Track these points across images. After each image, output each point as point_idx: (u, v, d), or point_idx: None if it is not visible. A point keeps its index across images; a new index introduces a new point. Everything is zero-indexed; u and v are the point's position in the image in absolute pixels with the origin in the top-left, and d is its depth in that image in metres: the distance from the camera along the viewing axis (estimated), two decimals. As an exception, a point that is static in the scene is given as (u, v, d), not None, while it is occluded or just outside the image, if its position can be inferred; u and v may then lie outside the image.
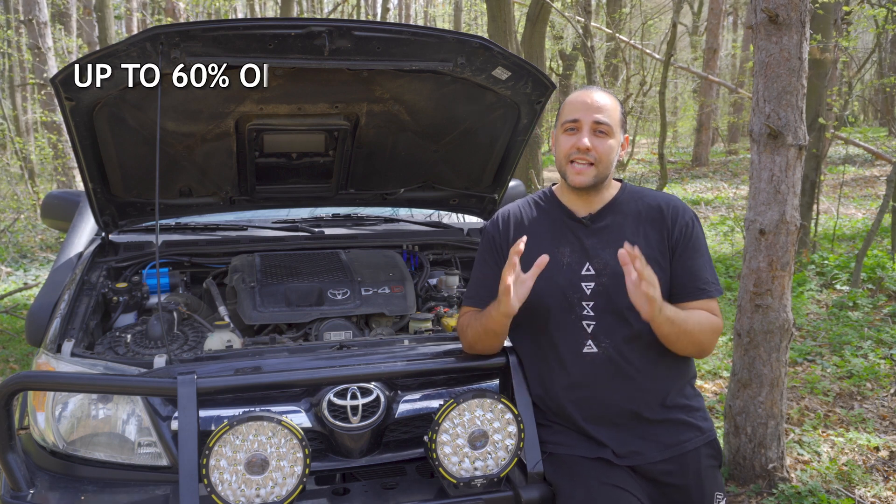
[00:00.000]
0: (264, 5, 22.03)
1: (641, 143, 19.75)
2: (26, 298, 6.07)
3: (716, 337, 1.84)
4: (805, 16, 2.71)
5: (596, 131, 1.81)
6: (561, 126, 1.86)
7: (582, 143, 1.79)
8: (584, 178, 1.82)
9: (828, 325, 4.95)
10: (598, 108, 1.81)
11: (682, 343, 1.78)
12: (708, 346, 1.84)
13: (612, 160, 1.83)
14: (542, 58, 9.51)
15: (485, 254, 1.98)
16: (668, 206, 1.89)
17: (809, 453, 3.21)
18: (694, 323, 1.77)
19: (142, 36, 2.00)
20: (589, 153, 1.79)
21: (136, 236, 2.80)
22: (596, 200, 1.88)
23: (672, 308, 1.73)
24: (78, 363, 1.94)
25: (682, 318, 1.74)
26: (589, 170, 1.81)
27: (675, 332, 1.74)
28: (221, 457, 1.66)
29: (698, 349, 1.83)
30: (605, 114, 1.81)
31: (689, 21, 19.68)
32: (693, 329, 1.77)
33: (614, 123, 1.82)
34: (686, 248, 1.85)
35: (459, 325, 1.98)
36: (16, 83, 14.87)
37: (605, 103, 1.82)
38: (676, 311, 1.74)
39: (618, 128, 1.84)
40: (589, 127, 1.80)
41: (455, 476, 1.80)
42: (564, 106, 1.87)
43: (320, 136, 2.64)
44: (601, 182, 1.85)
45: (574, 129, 1.82)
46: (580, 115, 1.81)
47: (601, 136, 1.81)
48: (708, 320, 1.81)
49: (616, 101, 1.86)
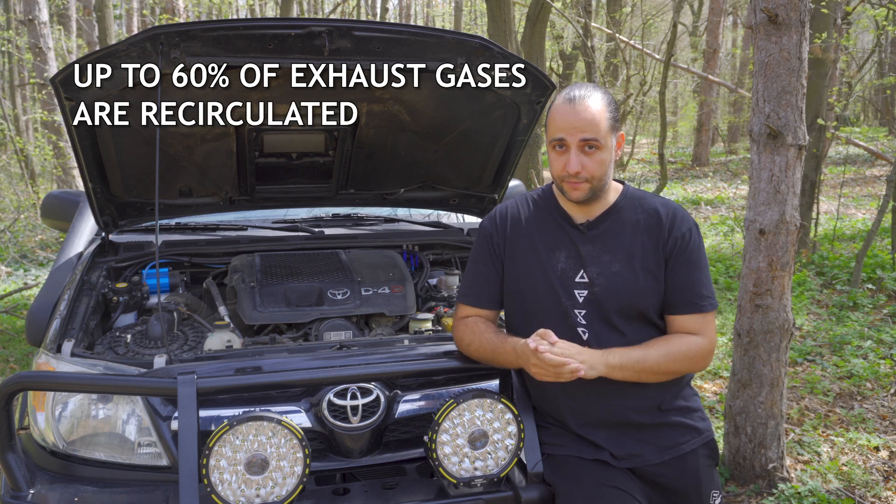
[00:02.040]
0: (264, 5, 22.03)
1: (641, 143, 19.75)
2: (26, 298, 6.07)
3: (701, 358, 1.80)
4: (805, 16, 2.71)
5: (584, 148, 1.72)
6: (550, 141, 1.78)
7: (571, 168, 1.73)
8: (580, 194, 1.77)
9: (828, 325, 4.95)
10: (583, 125, 1.71)
11: (652, 379, 1.77)
12: (693, 367, 1.81)
13: (605, 171, 1.77)
14: (542, 58, 9.50)
15: (481, 250, 1.93)
16: (668, 214, 1.82)
17: (809, 453, 3.21)
18: (655, 360, 1.74)
19: (142, 36, 2.00)
20: (579, 175, 1.74)
21: (136, 236, 2.80)
22: (595, 207, 1.84)
23: (619, 354, 1.72)
24: (78, 363, 1.94)
25: (634, 361, 1.72)
26: (583, 186, 1.75)
27: (634, 377, 1.74)
28: (221, 457, 1.66)
29: (676, 376, 1.81)
30: (591, 129, 1.71)
31: (689, 21, 19.68)
32: (656, 365, 1.74)
33: (603, 135, 1.72)
34: (681, 259, 1.79)
35: (458, 333, 1.93)
36: (16, 83, 14.87)
37: (590, 117, 1.71)
38: (626, 355, 1.72)
39: (608, 135, 1.74)
40: (576, 147, 1.72)
41: (455, 476, 1.80)
42: (550, 117, 1.78)
43: (320, 136, 2.64)
44: (598, 192, 1.79)
45: (563, 146, 1.75)
46: (565, 135, 1.73)
47: (590, 152, 1.73)
48: (683, 347, 1.77)
49: (603, 102, 1.74)
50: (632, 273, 1.78)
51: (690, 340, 1.78)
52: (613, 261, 1.79)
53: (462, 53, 2.28)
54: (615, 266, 1.79)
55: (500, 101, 2.53)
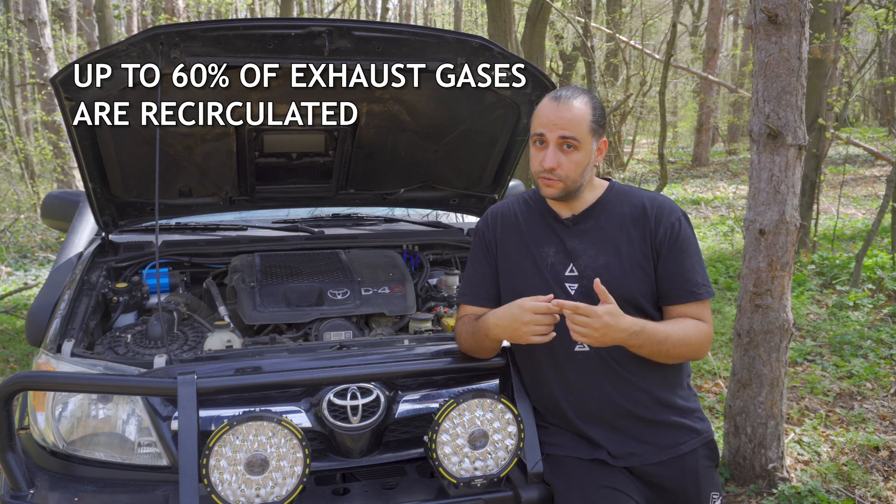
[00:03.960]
0: (264, 5, 22.03)
1: (641, 143, 19.75)
2: (26, 298, 6.07)
3: (705, 345, 1.81)
4: (804, 16, 2.71)
5: (562, 146, 1.74)
6: (531, 136, 1.81)
7: (546, 163, 1.75)
8: (552, 192, 1.79)
9: (828, 325, 4.95)
10: (564, 122, 1.73)
11: (663, 359, 1.77)
12: (696, 353, 1.81)
13: (580, 173, 1.78)
14: (542, 58, 9.50)
15: (476, 251, 1.98)
16: (653, 206, 1.84)
17: (809, 453, 3.21)
18: (677, 340, 1.74)
19: (142, 36, 2.00)
20: (554, 172, 1.76)
21: (136, 236, 2.80)
22: (577, 204, 1.85)
23: (653, 328, 1.71)
24: (78, 363, 1.94)
25: (662, 337, 1.72)
26: (556, 184, 1.77)
27: (654, 353, 1.74)
28: (221, 457, 1.66)
29: (684, 358, 1.81)
30: (572, 128, 1.73)
31: (689, 21, 19.68)
32: (677, 344, 1.74)
33: (582, 136, 1.74)
34: (672, 249, 1.80)
35: (457, 331, 1.96)
36: (16, 83, 14.87)
37: (572, 116, 1.73)
38: (657, 330, 1.72)
39: (588, 137, 1.76)
40: (555, 143, 1.74)
41: (455, 476, 1.80)
42: (535, 114, 1.81)
43: (320, 136, 2.64)
44: (572, 193, 1.81)
45: (542, 142, 1.78)
46: (545, 130, 1.75)
47: (568, 151, 1.75)
48: (696, 330, 1.78)
49: (588, 106, 1.76)
50: (619, 265, 1.80)
51: (698, 326, 1.79)
52: (599, 254, 1.81)
53: (462, 53, 2.28)
54: (601, 259, 1.81)
55: (500, 101, 2.53)
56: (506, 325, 1.74)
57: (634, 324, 1.67)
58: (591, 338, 1.64)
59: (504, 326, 1.75)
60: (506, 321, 1.74)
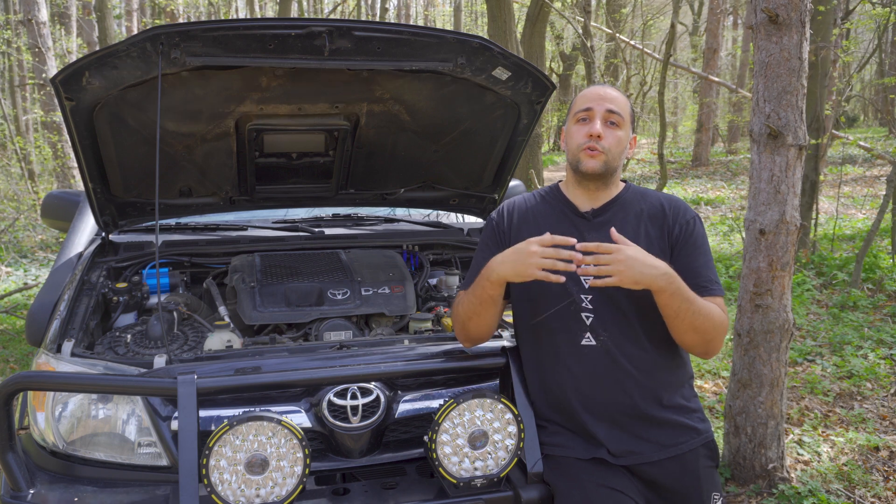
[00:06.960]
0: (264, 5, 22.02)
1: (641, 143, 19.76)
2: (26, 298, 6.07)
3: (722, 333, 1.81)
4: (805, 16, 2.71)
5: (607, 121, 1.84)
6: (573, 116, 1.89)
7: (594, 129, 1.82)
8: (594, 163, 1.83)
9: (828, 325, 4.95)
10: (611, 99, 1.86)
11: (686, 324, 1.74)
12: (714, 340, 1.80)
13: (620, 152, 1.86)
14: (542, 58, 9.50)
15: (487, 240, 1.99)
16: (671, 204, 1.91)
17: (809, 453, 3.21)
18: (702, 306, 1.74)
19: (142, 36, 1.99)
20: (600, 141, 1.82)
21: (136, 236, 2.80)
22: (600, 196, 1.90)
23: (683, 283, 1.72)
24: (78, 363, 1.94)
25: (691, 296, 1.72)
26: (599, 155, 1.83)
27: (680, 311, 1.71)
28: (221, 457, 1.66)
29: (703, 340, 1.78)
30: (617, 105, 1.85)
31: (689, 21, 19.69)
32: (703, 313, 1.73)
33: (625, 117, 1.86)
34: (686, 245, 1.85)
35: (453, 311, 1.96)
36: (16, 83, 14.87)
37: (617, 96, 1.88)
38: (687, 288, 1.72)
39: (628, 123, 1.87)
40: (601, 116, 1.83)
41: (455, 476, 1.80)
42: (577, 99, 1.92)
43: (320, 136, 2.64)
44: (610, 172, 1.86)
45: (586, 118, 1.86)
46: (593, 104, 1.85)
47: (612, 126, 1.84)
48: (717, 311, 1.79)
49: (627, 100, 1.91)
50: None
51: (718, 310, 1.80)
52: None
53: (462, 53, 2.28)
54: None
55: (500, 101, 2.53)
56: (511, 260, 1.73)
57: (668, 266, 1.69)
58: (619, 274, 1.64)
59: (510, 262, 1.74)
60: (511, 256, 1.74)
